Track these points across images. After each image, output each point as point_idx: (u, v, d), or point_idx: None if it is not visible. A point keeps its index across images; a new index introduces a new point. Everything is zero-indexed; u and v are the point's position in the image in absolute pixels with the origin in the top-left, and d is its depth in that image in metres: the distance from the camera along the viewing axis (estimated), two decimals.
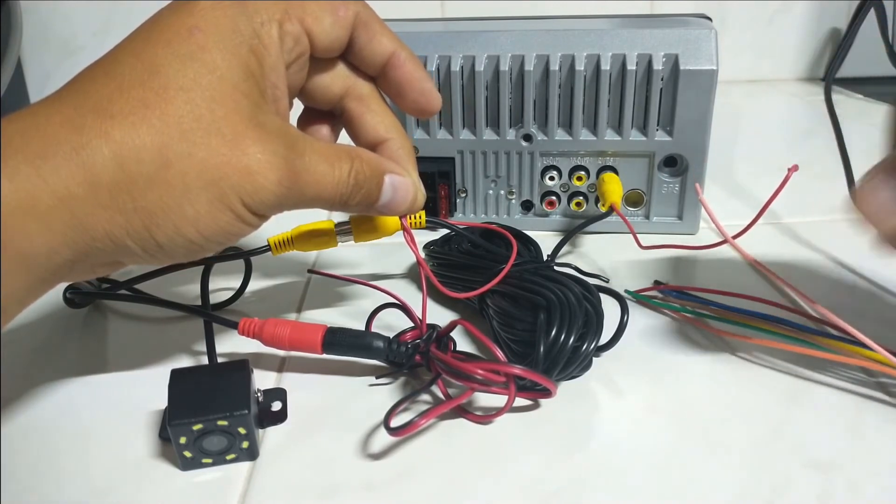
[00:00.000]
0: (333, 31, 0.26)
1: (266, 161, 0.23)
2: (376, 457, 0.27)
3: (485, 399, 0.29)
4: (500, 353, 0.28)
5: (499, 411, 0.28)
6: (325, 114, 0.30)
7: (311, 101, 0.29)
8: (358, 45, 0.27)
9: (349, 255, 0.43)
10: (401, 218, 0.30)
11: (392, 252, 0.43)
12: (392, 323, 0.33)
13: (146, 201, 0.22)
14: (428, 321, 0.31)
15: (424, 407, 0.28)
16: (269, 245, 0.35)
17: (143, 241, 0.23)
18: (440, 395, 0.29)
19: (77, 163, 0.21)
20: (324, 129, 0.30)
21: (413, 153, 0.29)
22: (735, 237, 0.33)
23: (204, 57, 0.22)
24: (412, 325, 0.32)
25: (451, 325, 0.30)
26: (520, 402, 0.29)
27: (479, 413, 0.28)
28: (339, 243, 0.34)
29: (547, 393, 0.28)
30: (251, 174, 0.23)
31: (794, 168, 0.30)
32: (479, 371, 0.26)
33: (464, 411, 0.28)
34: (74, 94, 0.22)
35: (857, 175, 0.46)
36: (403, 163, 0.28)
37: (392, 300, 0.33)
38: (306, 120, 0.30)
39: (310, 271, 0.40)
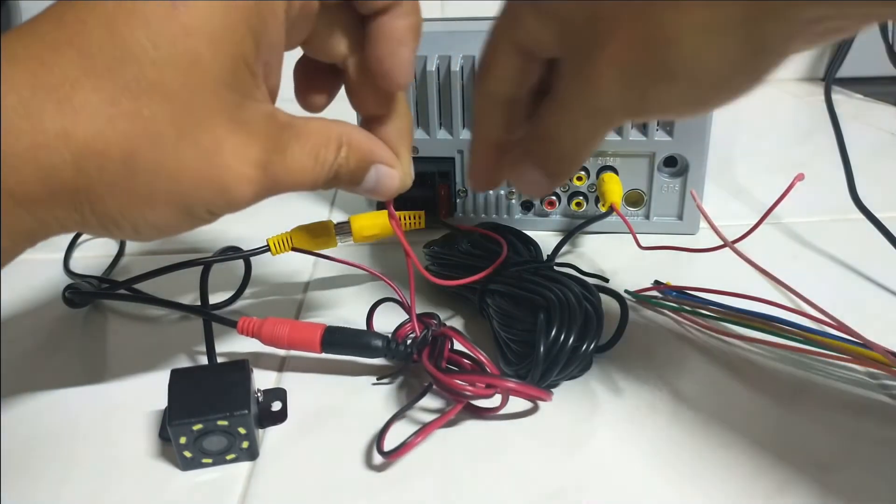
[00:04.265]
0: None
1: (244, 175, 0.21)
2: (376, 457, 0.27)
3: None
4: (490, 365, 0.28)
5: (495, 409, 0.28)
6: (327, 66, 0.26)
7: (315, 55, 0.26)
8: None
9: (348, 255, 0.43)
10: (387, 204, 0.28)
11: (391, 252, 0.43)
12: (392, 323, 0.33)
13: (106, 207, 0.20)
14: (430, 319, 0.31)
15: (418, 415, 0.28)
16: (268, 245, 0.35)
17: (98, 233, 0.22)
18: (434, 401, 0.29)
19: (35, 165, 0.19)
20: (320, 82, 0.27)
21: (410, 130, 0.27)
22: (735, 242, 0.33)
23: (187, 43, 0.19)
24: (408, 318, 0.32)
25: (443, 334, 0.29)
26: (520, 402, 0.29)
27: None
28: (339, 243, 0.34)
29: (543, 398, 0.28)
30: (225, 191, 0.21)
31: (800, 177, 0.30)
32: (469, 390, 0.26)
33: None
34: (31, 66, 0.19)
35: (858, 175, 0.46)
36: (395, 145, 0.26)
37: (388, 297, 0.33)
38: (304, 69, 0.26)
39: (297, 250, 0.37)
